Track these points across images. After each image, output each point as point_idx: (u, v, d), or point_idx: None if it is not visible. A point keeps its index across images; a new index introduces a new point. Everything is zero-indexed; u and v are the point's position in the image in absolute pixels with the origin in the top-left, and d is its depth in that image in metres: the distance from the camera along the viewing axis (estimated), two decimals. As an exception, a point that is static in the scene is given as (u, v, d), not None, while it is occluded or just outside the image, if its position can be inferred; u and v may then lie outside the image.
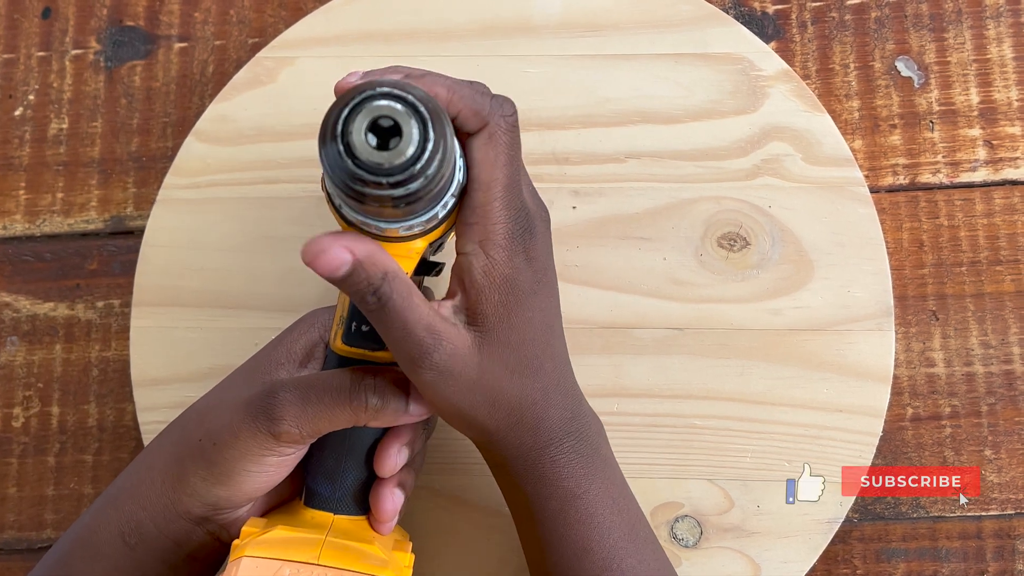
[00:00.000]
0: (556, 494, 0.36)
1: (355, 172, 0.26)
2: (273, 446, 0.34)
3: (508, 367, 0.34)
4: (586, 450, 0.37)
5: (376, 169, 0.27)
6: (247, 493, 0.35)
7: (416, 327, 0.31)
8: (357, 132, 0.26)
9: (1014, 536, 0.49)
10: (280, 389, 0.34)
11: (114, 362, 0.52)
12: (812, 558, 0.47)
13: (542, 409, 0.36)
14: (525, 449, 0.36)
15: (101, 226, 0.54)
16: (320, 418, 0.34)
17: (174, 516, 0.36)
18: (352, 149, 0.26)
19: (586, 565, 0.36)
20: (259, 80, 0.52)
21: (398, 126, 0.27)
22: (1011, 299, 0.51)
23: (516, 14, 0.52)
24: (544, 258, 0.34)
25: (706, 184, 0.50)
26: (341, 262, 0.29)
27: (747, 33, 0.52)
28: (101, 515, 0.37)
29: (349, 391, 0.34)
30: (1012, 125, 0.53)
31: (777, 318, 0.49)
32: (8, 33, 0.56)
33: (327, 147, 0.27)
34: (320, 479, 0.37)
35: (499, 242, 0.32)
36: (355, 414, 0.34)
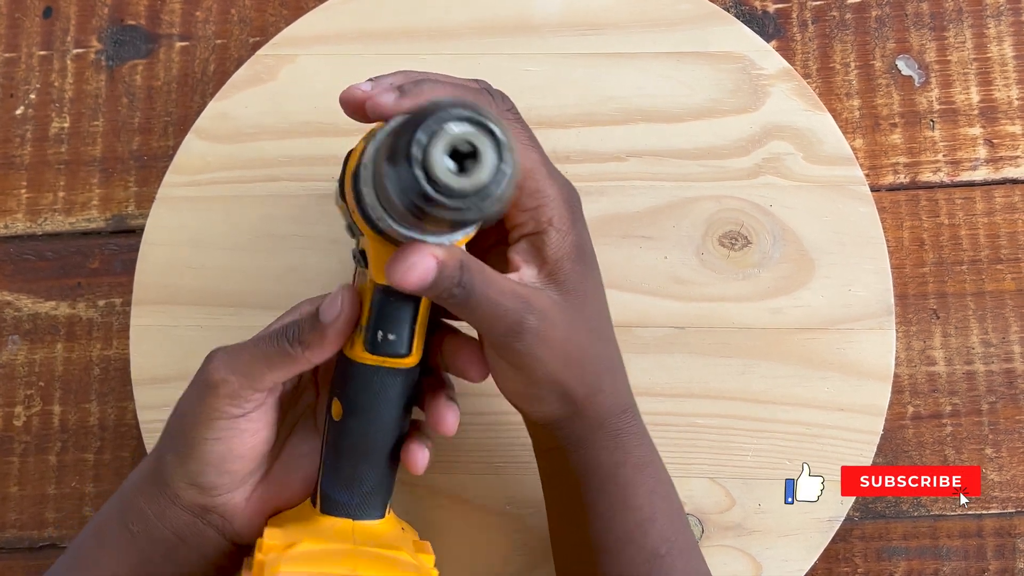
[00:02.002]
0: (629, 460, 0.37)
1: (433, 196, 0.26)
2: (215, 402, 0.34)
3: (589, 327, 0.36)
4: (643, 423, 0.39)
5: (454, 193, 0.27)
6: (213, 464, 0.35)
7: (505, 298, 0.33)
8: (437, 157, 0.26)
9: (1015, 535, 0.49)
10: (220, 347, 0.36)
11: (115, 361, 0.52)
12: (813, 557, 0.47)
13: (618, 373, 0.38)
14: (606, 414, 0.37)
15: (102, 225, 0.54)
16: (255, 363, 0.34)
17: (167, 503, 0.36)
18: (432, 174, 0.26)
19: (650, 534, 0.37)
20: (259, 78, 0.52)
21: (475, 150, 0.27)
22: (1012, 298, 0.51)
23: (516, 13, 0.52)
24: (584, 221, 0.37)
25: (707, 183, 0.50)
26: (430, 271, 0.30)
27: (748, 32, 0.52)
28: (109, 507, 0.39)
29: (275, 331, 0.35)
30: (1012, 124, 0.53)
31: (778, 317, 0.49)
32: (9, 32, 0.56)
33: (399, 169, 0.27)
34: (337, 486, 0.36)
35: (563, 214, 0.35)
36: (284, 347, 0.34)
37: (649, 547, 0.37)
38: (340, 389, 0.37)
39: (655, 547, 0.37)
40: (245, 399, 0.35)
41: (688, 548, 0.39)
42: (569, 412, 0.37)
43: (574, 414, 0.37)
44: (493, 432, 0.48)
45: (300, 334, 0.34)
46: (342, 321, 0.34)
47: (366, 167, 0.30)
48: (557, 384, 0.35)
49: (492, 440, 0.48)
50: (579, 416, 0.37)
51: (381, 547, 0.35)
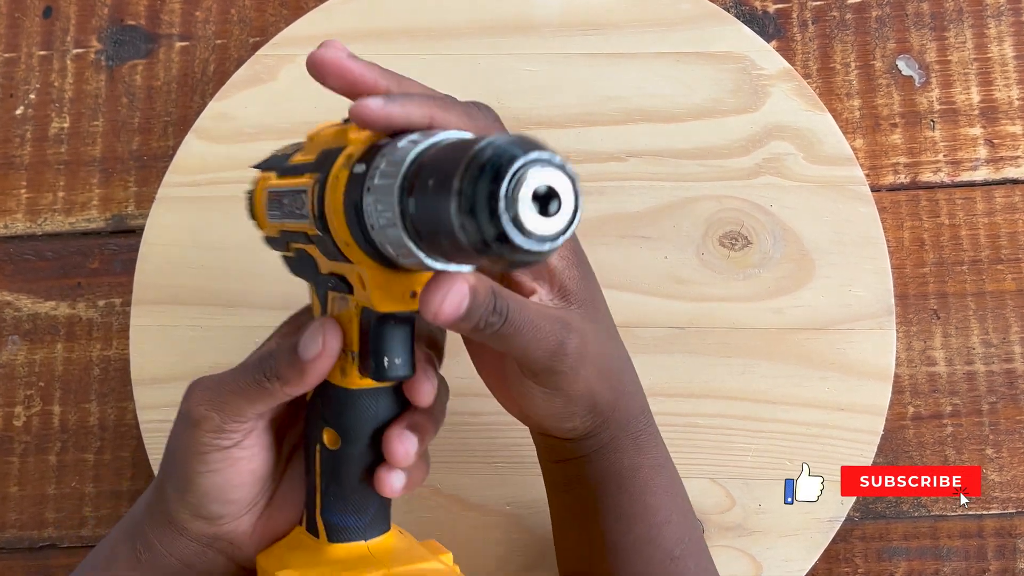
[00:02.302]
0: (647, 462, 0.37)
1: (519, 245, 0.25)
2: (202, 437, 0.33)
3: (608, 333, 0.36)
4: (655, 423, 0.39)
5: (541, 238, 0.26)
6: (212, 496, 0.34)
7: (544, 321, 0.32)
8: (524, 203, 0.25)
9: (1015, 535, 0.49)
10: (199, 379, 0.34)
11: (115, 361, 0.52)
12: (813, 557, 0.47)
13: (632, 374, 0.38)
14: (629, 417, 0.37)
15: (102, 225, 0.54)
16: (231, 398, 0.33)
17: (173, 532, 0.36)
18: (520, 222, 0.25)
19: (666, 535, 0.37)
20: (259, 78, 0.52)
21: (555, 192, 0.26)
22: (1012, 298, 0.51)
23: (517, 13, 0.52)
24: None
25: (707, 183, 0.50)
26: (463, 297, 0.29)
27: (748, 32, 0.52)
28: (123, 527, 0.38)
29: (253, 364, 0.33)
30: (1013, 124, 0.53)
31: (778, 317, 0.49)
32: (9, 32, 0.56)
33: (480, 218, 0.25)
34: (345, 514, 0.36)
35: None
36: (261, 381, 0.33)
37: (666, 548, 0.37)
38: (334, 419, 0.36)
39: (671, 548, 0.37)
40: (232, 431, 0.34)
41: (699, 548, 0.39)
42: (598, 423, 0.36)
43: (601, 423, 0.37)
44: (493, 432, 0.48)
45: (277, 369, 0.33)
46: (324, 358, 0.32)
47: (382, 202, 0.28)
48: (591, 398, 0.35)
49: (492, 440, 0.48)
50: (605, 424, 0.37)
51: (411, 562, 0.35)
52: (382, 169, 0.29)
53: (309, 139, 0.35)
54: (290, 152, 0.37)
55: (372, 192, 0.29)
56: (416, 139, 0.29)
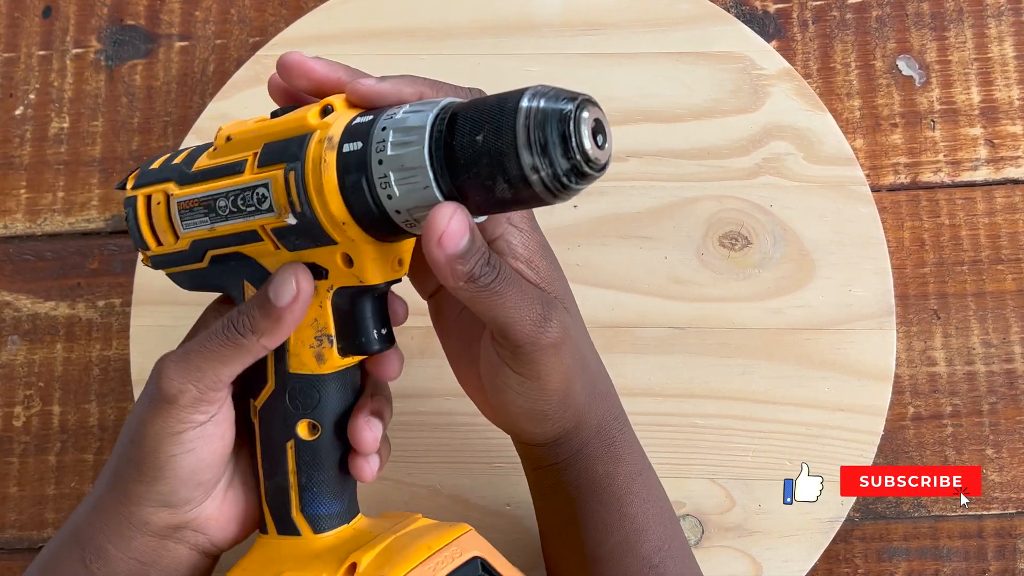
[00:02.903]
0: (622, 470, 0.37)
1: (585, 169, 0.29)
2: (178, 415, 0.33)
3: (579, 331, 0.35)
4: (631, 427, 0.38)
5: (598, 166, 0.30)
6: (185, 479, 0.34)
7: (532, 289, 0.32)
8: (587, 135, 0.29)
9: (1015, 535, 0.49)
10: (164, 356, 0.34)
11: (115, 361, 0.52)
12: (814, 557, 0.47)
13: (605, 378, 0.38)
14: (603, 421, 0.37)
15: (102, 225, 0.54)
16: (209, 364, 0.33)
17: (132, 532, 0.35)
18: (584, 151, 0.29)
19: (644, 543, 0.37)
20: (259, 78, 0.52)
21: (601, 126, 0.30)
22: (1012, 298, 0.51)
23: (517, 13, 0.52)
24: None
25: (707, 183, 0.50)
26: (464, 230, 0.29)
27: (748, 32, 0.52)
28: (62, 547, 0.36)
29: (222, 324, 0.33)
30: (1013, 124, 0.53)
31: (778, 317, 0.49)
32: (9, 32, 0.56)
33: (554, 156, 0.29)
34: (327, 502, 0.36)
35: (522, 214, 0.34)
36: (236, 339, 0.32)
37: (644, 556, 0.37)
38: (311, 409, 0.35)
39: (649, 556, 0.37)
40: (208, 402, 0.33)
41: (681, 554, 0.38)
42: (570, 428, 0.36)
43: (574, 428, 0.36)
44: (493, 432, 0.48)
45: (252, 322, 0.32)
46: (300, 301, 0.32)
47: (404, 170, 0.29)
48: (567, 393, 0.34)
49: (492, 440, 0.48)
50: (578, 429, 0.36)
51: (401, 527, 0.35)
52: (392, 140, 0.30)
53: (223, 140, 0.35)
54: (176, 161, 0.36)
55: (387, 163, 0.30)
56: (417, 108, 0.30)
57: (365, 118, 0.31)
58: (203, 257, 0.36)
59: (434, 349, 0.50)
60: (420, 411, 0.48)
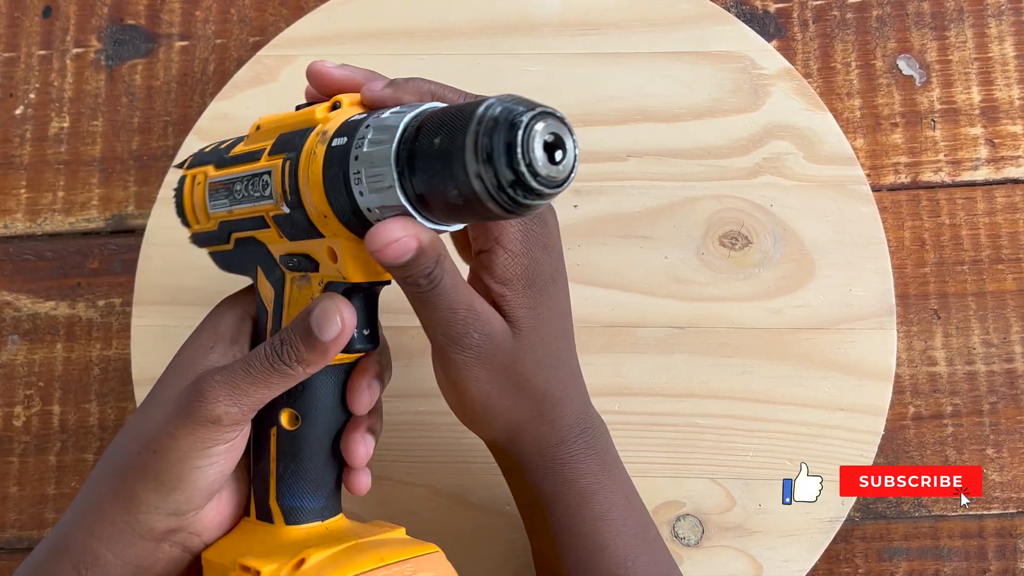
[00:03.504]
0: (572, 491, 0.37)
1: (535, 187, 0.28)
2: (215, 434, 0.33)
3: (536, 357, 0.35)
4: (598, 447, 0.38)
5: (550, 182, 0.28)
6: (204, 489, 0.34)
7: (460, 306, 0.32)
8: (537, 150, 0.28)
9: (1016, 535, 0.49)
10: (207, 375, 0.34)
11: (115, 361, 0.52)
12: (814, 557, 0.47)
13: (562, 402, 0.37)
14: (544, 445, 0.37)
15: (102, 225, 0.54)
16: (255, 389, 0.33)
17: (134, 539, 0.34)
18: (535, 167, 0.28)
19: (602, 562, 0.37)
20: (260, 79, 0.52)
21: (560, 141, 0.28)
22: (1013, 298, 0.51)
23: (516, 13, 0.52)
24: (558, 247, 0.36)
25: (707, 183, 0.50)
26: (408, 249, 0.30)
27: (748, 31, 0.52)
28: (52, 552, 0.36)
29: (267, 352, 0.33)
30: (1013, 124, 0.53)
31: (779, 317, 0.49)
32: (9, 32, 0.56)
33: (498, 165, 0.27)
34: (303, 494, 0.36)
35: (514, 235, 0.34)
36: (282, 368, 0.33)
37: (605, 573, 0.37)
38: (294, 398, 0.36)
39: (612, 572, 0.37)
40: (247, 423, 0.34)
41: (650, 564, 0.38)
42: (502, 438, 0.37)
43: (507, 440, 0.37)
44: (493, 432, 0.48)
45: (299, 353, 0.33)
46: (345, 334, 0.33)
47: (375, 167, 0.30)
48: (490, 408, 0.35)
49: (492, 440, 0.48)
50: (512, 443, 0.37)
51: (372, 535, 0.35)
52: (370, 138, 0.30)
53: (254, 129, 0.36)
54: (223, 146, 0.38)
55: (361, 160, 0.30)
56: (401, 110, 0.31)
57: (360, 116, 0.32)
58: (228, 238, 0.37)
59: (434, 349, 0.50)
60: (420, 411, 0.48)
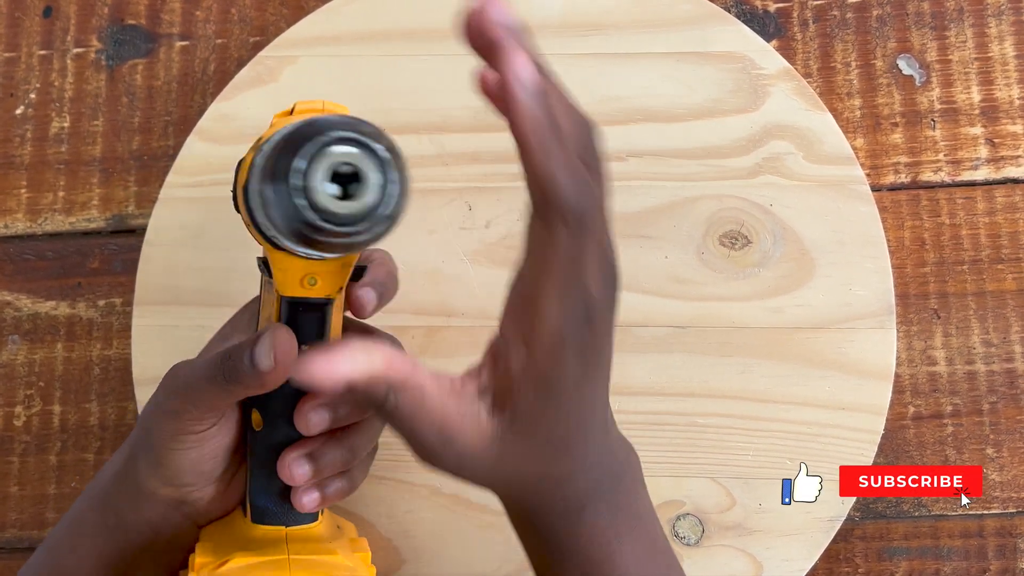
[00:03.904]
0: (574, 561, 0.34)
1: (315, 223, 0.25)
2: (178, 424, 0.34)
3: (530, 455, 0.31)
4: (612, 511, 0.34)
5: (337, 219, 0.25)
6: (187, 469, 0.35)
7: (426, 435, 0.30)
8: (319, 182, 0.24)
9: (1016, 535, 0.49)
10: (176, 367, 0.35)
11: (115, 361, 0.52)
12: (814, 556, 0.47)
13: (566, 485, 0.33)
14: (543, 516, 0.34)
15: (102, 225, 0.54)
16: (202, 394, 0.33)
17: (144, 496, 0.36)
18: (313, 200, 0.25)
19: None
20: (261, 79, 0.52)
21: (357, 173, 0.25)
22: (1013, 297, 0.51)
23: (517, 14, 0.52)
24: (600, 344, 0.30)
25: (707, 182, 0.50)
26: (332, 387, 0.28)
27: (748, 32, 0.52)
28: (85, 503, 0.39)
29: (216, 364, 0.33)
30: (1014, 123, 0.53)
31: (779, 316, 0.49)
32: (9, 31, 0.56)
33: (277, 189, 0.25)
34: (265, 495, 0.36)
35: (545, 341, 0.29)
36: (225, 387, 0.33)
37: None
38: (258, 399, 0.36)
39: None
40: (208, 419, 0.34)
41: None
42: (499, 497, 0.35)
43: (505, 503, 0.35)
44: (493, 432, 0.48)
45: (238, 375, 0.32)
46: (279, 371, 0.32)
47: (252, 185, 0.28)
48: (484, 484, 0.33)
49: (492, 440, 0.48)
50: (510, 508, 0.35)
51: (315, 553, 0.35)
52: (262, 151, 0.27)
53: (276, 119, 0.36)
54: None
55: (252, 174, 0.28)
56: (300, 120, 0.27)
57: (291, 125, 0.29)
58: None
59: (435, 349, 0.50)
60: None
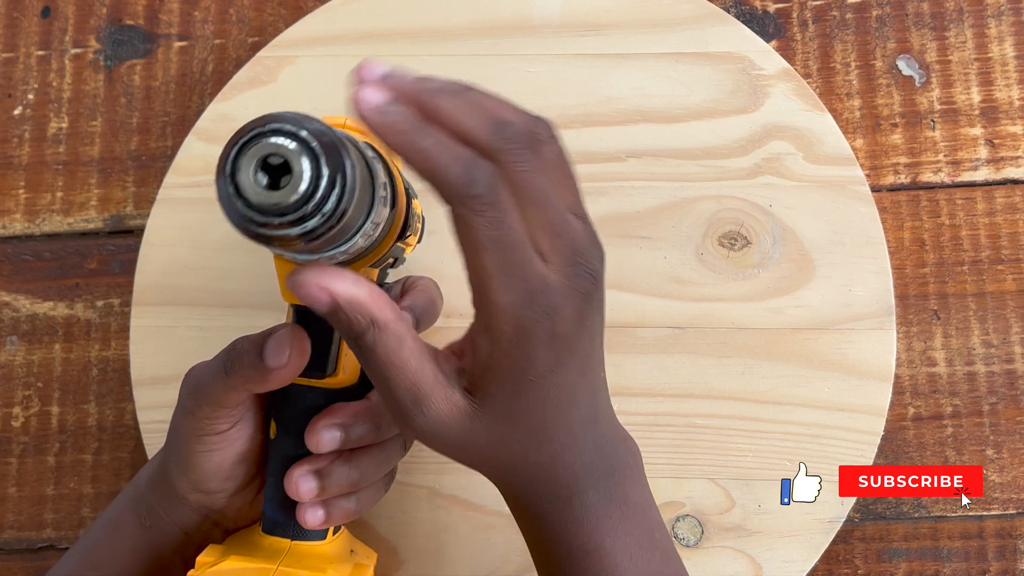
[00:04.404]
0: (563, 549, 0.34)
1: (246, 214, 0.25)
2: (198, 423, 0.35)
3: (506, 438, 0.31)
4: (604, 501, 0.34)
5: (268, 210, 0.25)
6: (211, 472, 0.36)
7: (398, 387, 0.30)
8: (245, 172, 0.25)
9: (1016, 536, 0.49)
10: (195, 367, 0.36)
11: (114, 361, 0.52)
12: (813, 558, 0.47)
13: (551, 471, 0.33)
14: (533, 500, 0.34)
15: (100, 225, 0.54)
16: (210, 391, 0.34)
17: (175, 500, 0.37)
18: (240, 190, 0.25)
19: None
20: (260, 79, 0.52)
21: (287, 164, 0.25)
22: (1012, 298, 0.51)
23: (516, 14, 0.52)
24: (573, 331, 0.31)
25: (707, 183, 0.50)
26: (316, 300, 0.28)
27: (748, 32, 0.52)
28: (123, 501, 0.40)
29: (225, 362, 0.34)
30: (1013, 124, 0.53)
31: (778, 317, 0.49)
32: (7, 32, 0.56)
33: (217, 185, 0.25)
34: (274, 506, 0.36)
35: (504, 330, 0.29)
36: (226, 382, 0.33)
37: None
38: (275, 409, 0.36)
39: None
40: (224, 417, 0.35)
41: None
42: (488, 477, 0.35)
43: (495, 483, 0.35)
44: (493, 433, 0.48)
45: (241, 370, 0.32)
46: (288, 369, 0.32)
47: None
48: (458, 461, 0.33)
49: (492, 441, 0.48)
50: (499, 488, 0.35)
51: (306, 568, 0.35)
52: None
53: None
54: None
55: None
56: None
57: None
58: None
59: (434, 349, 0.50)
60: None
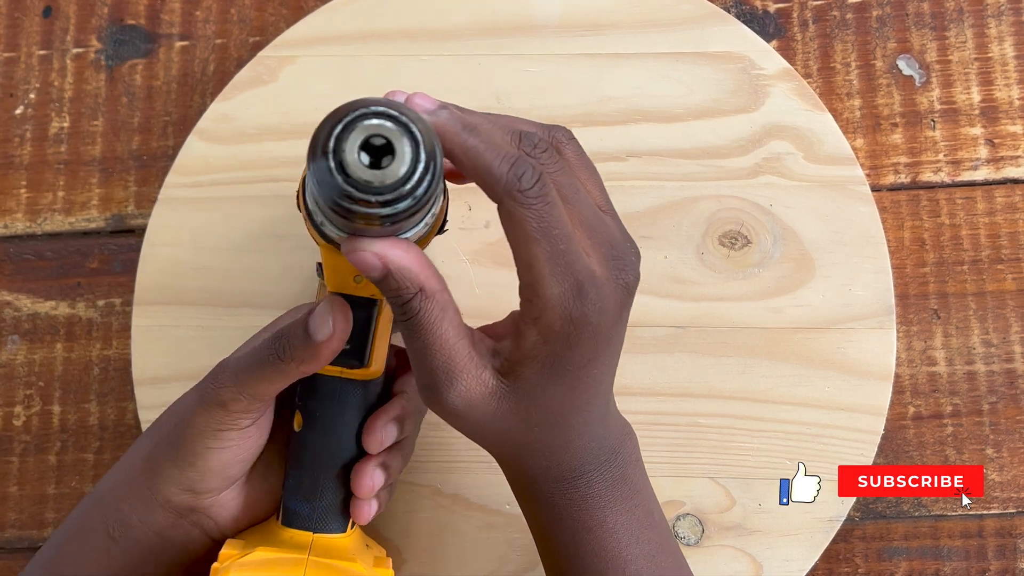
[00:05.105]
0: (567, 526, 0.36)
1: (345, 189, 0.26)
2: (224, 417, 0.34)
3: (528, 423, 0.33)
4: (607, 482, 0.36)
5: (367, 188, 0.26)
6: (217, 471, 0.36)
7: (435, 357, 0.31)
8: (350, 150, 0.26)
9: (1015, 535, 0.49)
10: (225, 360, 0.35)
11: (115, 361, 0.52)
12: (814, 557, 0.47)
13: (562, 454, 0.35)
14: (539, 481, 0.35)
15: (102, 225, 0.54)
16: (253, 378, 0.34)
17: (154, 506, 0.36)
18: (344, 167, 0.26)
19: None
20: (261, 79, 0.52)
21: (390, 145, 0.27)
22: (1012, 298, 0.51)
23: (516, 14, 0.52)
24: (608, 326, 0.32)
25: (707, 183, 0.50)
26: (371, 266, 0.29)
27: (748, 32, 0.52)
28: (87, 512, 0.39)
29: (268, 345, 0.34)
30: (1013, 124, 0.53)
31: (779, 316, 0.49)
32: (9, 32, 0.56)
33: (317, 162, 0.27)
34: (298, 498, 0.37)
35: (553, 325, 0.30)
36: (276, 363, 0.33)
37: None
38: (301, 400, 0.36)
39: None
40: (256, 411, 0.35)
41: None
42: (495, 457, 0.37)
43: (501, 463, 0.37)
44: (493, 432, 0.48)
45: (292, 351, 0.33)
46: (336, 338, 0.33)
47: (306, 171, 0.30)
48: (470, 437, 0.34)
49: (492, 440, 0.48)
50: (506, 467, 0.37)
51: (336, 558, 0.35)
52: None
53: None
54: None
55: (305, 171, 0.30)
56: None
57: None
58: None
59: (434, 349, 0.50)
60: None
